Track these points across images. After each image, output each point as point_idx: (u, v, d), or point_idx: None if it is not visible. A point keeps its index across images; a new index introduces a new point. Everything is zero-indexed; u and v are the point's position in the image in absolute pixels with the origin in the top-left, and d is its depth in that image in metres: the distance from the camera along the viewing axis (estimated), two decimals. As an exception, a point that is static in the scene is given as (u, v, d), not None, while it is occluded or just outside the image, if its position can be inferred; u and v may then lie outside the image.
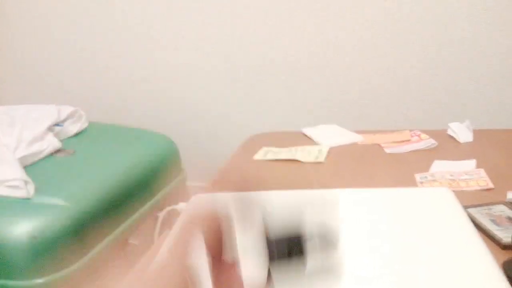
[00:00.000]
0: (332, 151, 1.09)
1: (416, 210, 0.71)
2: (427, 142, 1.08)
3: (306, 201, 0.65)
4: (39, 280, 1.00)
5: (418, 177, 0.91)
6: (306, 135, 1.22)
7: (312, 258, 0.33)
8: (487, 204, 0.77)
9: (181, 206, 0.81)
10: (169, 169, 1.41)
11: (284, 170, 1.02)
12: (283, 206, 0.60)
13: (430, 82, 1.65)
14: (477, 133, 1.12)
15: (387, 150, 1.07)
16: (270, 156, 1.09)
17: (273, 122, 1.84)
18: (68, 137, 1.43)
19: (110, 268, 1.15)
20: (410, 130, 1.17)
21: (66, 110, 1.48)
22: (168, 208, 0.83)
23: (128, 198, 1.22)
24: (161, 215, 0.85)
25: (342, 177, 0.96)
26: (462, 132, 1.10)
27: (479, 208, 0.76)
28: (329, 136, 1.17)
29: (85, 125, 1.51)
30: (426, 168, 0.96)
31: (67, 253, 1.03)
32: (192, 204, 0.80)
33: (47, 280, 1.01)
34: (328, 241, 0.33)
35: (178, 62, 1.89)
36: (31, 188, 1.09)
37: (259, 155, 1.11)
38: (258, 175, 1.00)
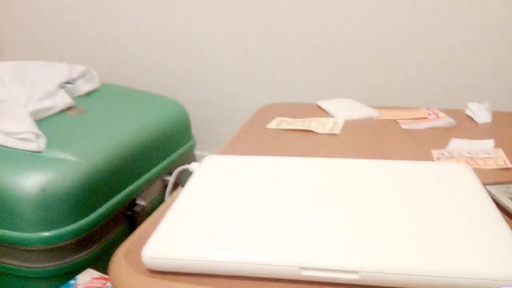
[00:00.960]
0: (348, 124, 1.08)
1: (434, 183, 0.70)
2: (445, 120, 1.07)
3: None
4: (46, 233, 1.00)
5: (435, 153, 0.90)
6: (321, 108, 1.20)
7: None
8: (505, 183, 0.76)
9: (193, 166, 0.80)
10: (179, 135, 1.40)
11: (297, 140, 1.00)
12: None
13: (448, 62, 1.62)
14: (496, 115, 1.10)
15: (404, 126, 1.05)
16: (283, 126, 1.08)
17: (287, 93, 1.82)
18: (80, 96, 1.41)
19: (116, 226, 1.15)
20: (428, 108, 1.16)
21: (78, 68, 1.46)
22: (180, 168, 0.82)
23: (138, 159, 1.21)
24: (174, 174, 0.84)
25: (357, 150, 0.94)
26: (480, 113, 1.08)
27: (497, 186, 0.75)
28: (345, 109, 1.15)
29: (97, 85, 1.49)
30: (443, 145, 0.94)
31: (75, 209, 1.03)
32: (206, 164, 0.80)
33: (53, 234, 1.01)
34: None
35: (191, 30, 1.86)
36: (42, 142, 1.08)
37: (272, 124, 1.09)
38: (270, 143, 0.99)
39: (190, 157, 1.46)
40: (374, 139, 0.99)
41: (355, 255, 0.53)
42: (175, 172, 0.83)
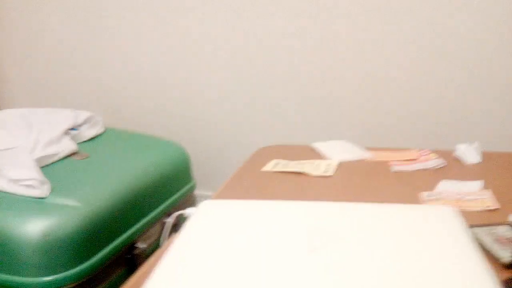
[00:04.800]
0: (341, 166, 1.11)
1: (418, 226, 0.72)
2: (436, 161, 1.10)
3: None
4: (48, 278, 1.03)
5: (423, 195, 0.93)
6: (315, 150, 1.24)
7: None
8: (491, 225, 0.78)
9: (189, 211, 0.83)
10: (179, 177, 1.43)
11: (292, 182, 1.04)
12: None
13: (438, 103, 1.66)
14: (485, 155, 1.13)
15: (395, 168, 1.08)
16: (279, 168, 1.11)
17: (284, 136, 1.87)
18: (84, 141, 1.46)
19: (116, 269, 1.17)
20: (419, 150, 1.19)
21: (83, 114, 1.52)
22: (177, 213, 0.85)
23: (139, 203, 1.25)
24: (170, 219, 0.87)
25: (349, 192, 0.97)
26: (470, 154, 1.11)
27: (483, 228, 0.77)
28: (338, 151, 1.19)
29: (101, 130, 1.54)
30: (432, 187, 0.97)
31: (76, 253, 1.06)
32: (201, 209, 0.83)
33: (55, 278, 1.03)
34: None
35: (192, 75, 1.93)
36: (46, 188, 1.12)
37: (268, 167, 1.13)
38: (265, 185, 1.02)
39: (190, 199, 1.49)
40: (364, 182, 1.02)
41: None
42: (172, 217, 0.86)
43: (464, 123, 1.64)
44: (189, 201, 1.46)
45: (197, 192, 1.60)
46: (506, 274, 0.64)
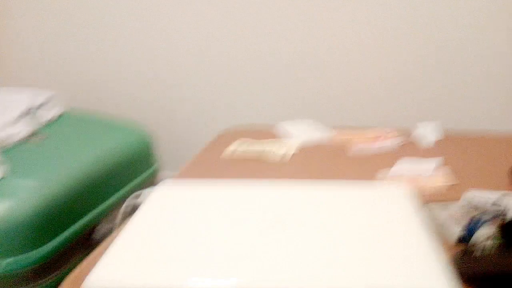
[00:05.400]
0: (304, 146, 1.11)
1: (370, 204, 0.73)
2: (395, 140, 1.11)
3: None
4: (8, 260, 1.00)
5: (379, 174, 0.94)
6: (281, 130, 1.23)
7: None
8: (444, 202, 0.80)
9: (146, 191, 0.82)
10: (141, 159, 1.41)
11: (252, 164, 1.03)
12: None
13: (401, 81, 1.68)
14: (445, 134, 1.15)
15: (356, 148, 1.09)
16: (242, 148, 1.10)
17: (252, 115, 1.86)
18: (42, 123, 1.42)
19: (77, 253, 1.15)
20: (380, 128, 1.20)
21: (42, 95, 1.47)
22: (134, 194, 0.84)
23: (99, 185, 1.22)
24: (127, 201, 0.85)
25: (308, 173, 0.98)
26: (429, 132, 1.13)
27: (439, 204, 0.79)
28: (303, 131, 1.19)
29: (60, 111, 1.50)
30: (391, 166, 0.98)
31: (36, 234, 1.04)
32: (158, 190, 0.82)
33: (16, 260, 1.01)
34: None
35: (156, 55, 1.89)
36: (2, 170, 1.09)
37: (232, 147, 1.12)
38: (225, 168, 1.01)
39: (154, 182, 1.47)
40: (325, 162, 1.03)
41: (285, 277, 0.55)
42: (128, 200, 0.85)
43: (426, 102, 1.67)
44: (153, 183, 1.45)
45: (165, 173, 1.58)
46: (456, 249, 0.65)
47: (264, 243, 0.62)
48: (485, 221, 0.64)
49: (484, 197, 0.80)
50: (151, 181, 1.44)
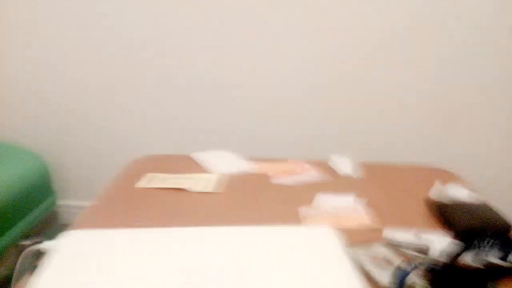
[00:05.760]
0: (222, 180, 1.07)
1: (298, 249, 0.71)
2: (312, 173, 1.11)
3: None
4: None
5: (302, 211, 0.93)
6: (195, 161, 1.18)
7: None
8: (367, 243, 0.81)
9: (46, 245, 0.72)
10: (36, 191, 1.27)
11: (170, 199, 0.97)
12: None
13: (311, 111, 1.71)
14: (358, 165, 1.18)
15: (275, 181, 1.07)
16: (155, 184, 1.04)
17: (157, 145, 1.77)
18: None
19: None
20: (295, 161, 1.20)
21: None
22: (31, 249, 0.74)
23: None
24: (23, 256, 0.74)
25: (231, 210, 0.94)
26: (343, 165, 1.15)
27: (360, 246, 0.79)
28: (219, 163, 1.15)
29: None
30: (310, 200, 0.98)
31: None
32: (63, 242, 0.72)
33: None
34: None
35: (59, 76, 1.74)
36: None
37: (143, 183, 1.05)
38: (143, 205, 0.94)
39: (51, 214, 1.33)
40: (247, 197, 1.00)
41: None
42: (25, 254, 0.74)
43: (337, 133, 1.72)
44: (51, 218, 1.31)
45: (63, 202, 1.45)
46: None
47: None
48: (412, 269, 0.65)
49: (403, 237, 0.82)
50: (48, 215, 1.30)
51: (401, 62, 1.62)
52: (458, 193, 1.00)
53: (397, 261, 0.75)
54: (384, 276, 0.70)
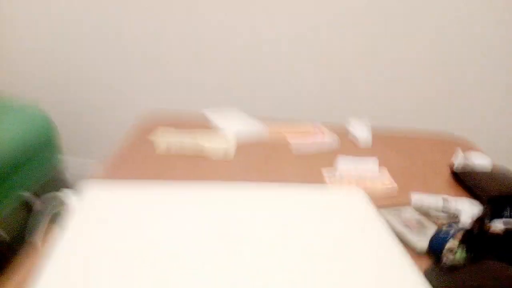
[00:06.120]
0: (238, 141, 1.03)
1: (332, 211, 0.69)
2: (330, 137, 1.09)
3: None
4: None
5: (325, 173, 0.90)
6: (207, 118, 1.14)
7: None
8: (395, 206, 0.79)
9: (66, 194, 0.69)
10: (41, 148, 1.22)
11: (187, 159, 0.94)
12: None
13: (326, 77, 1.68)
14: (374, 130, 1.15)
15: (293, 144, 1.04)
16: (175, 140, 1.00)
17: (165, 100, 1.72)
18: None
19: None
20: (311, 123, 1.17)
21: None
22: (48, 196, 0.70)
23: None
24: (40, 205, 0.71)
25: (250, 171, 0.91)
26: (360, 129, 1.13)
27: (389, 210, 0.77)
28: (233, 123, 1.11)
29: None
30: (331, 163, 0.95)
31: None
32: (87, 193, 0.69)
33: None
34: None
35: (65, 32, 1.66)
36: None
37: (162, 139, 1.01)
38: (158, 164, 0.90)
39: (57, 172, 1.28)
40: (266, 159, 0.97)
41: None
42: (42, 202, 0.70)
43: (353, 98, 1.69)
44: (57, 176, 1.26)
45: (67, 158, 1.39)
46: (419, 261, 0.64)
47: (220, 256, 0.55)
48: (453, 234, 0.63)
49: (431, 202, 0.81)
50: (54, 173, 1.26)
51: (402, 27, 1.58)
52: (480, 160, 0.99)
53: (431, 225, 0.73)
54: (419, 240, 0.69)
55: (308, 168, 0.93)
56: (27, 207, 1.09)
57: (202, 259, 0.55)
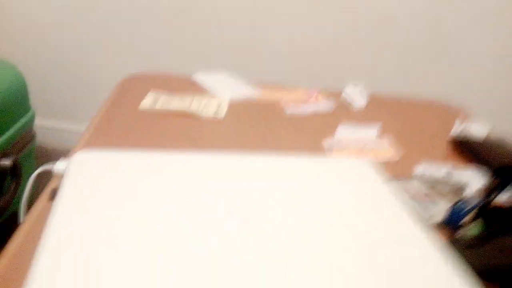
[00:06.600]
0: (231, 106, 0.98)
1: (341, 184, 0.65)
2: (326, 103, 1.04)
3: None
4: None
5: (326, 143, 0.87)
6: (197, 83, 1.08)
7: None
8: (402, 179, 0.76)
9: (59, 166, 0.63)
10: (12, 106, 1.13)
11: (177, 123, 0.88)
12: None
13: (320, 40, 1.62)
14: (372, 96, 1.12)
15: (288, 109, 1.00)
16: (160, 105, 0.94)
17: (148, 62, 1.63)
18: None
19: None
20: (306, 88, 1.12)
21: None
22: (40, 170, 0.64)
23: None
24: (32, 179, 0.65)
25: (246, 138, 0.86)
26: (356, 97, 1.09)
27: (397, 183, 0.74)
28: (225, 87, 1.05)
29: None
30: (330, 132, 0.91)
31: None
32: (76, 163, 0.63)
33: None
34: None
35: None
36: None
37: (147, 102, 0.94)
38: (146, 127, 0.85)
39: (29, 133, 1.20)
40: (260, 125, 0.92)
41: None
42: (33, 178, 0.64)
43: (350, 63, 1.64)
44: (29, 136, 1.18)
45: (39, 122, 1.31)
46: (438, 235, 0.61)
47: (229, 230, 0.51)
48: (472, 207, 0.61)
49: (436, 173, 0.78)
50: (26, 133, 1.17)
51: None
52: (480, 129, 0.97)
53: (439, 198, 0.71)
54: (430, 214, 0.66)
55: (306, 137, 0.89)
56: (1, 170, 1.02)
57: (204, 229, 0.51)
